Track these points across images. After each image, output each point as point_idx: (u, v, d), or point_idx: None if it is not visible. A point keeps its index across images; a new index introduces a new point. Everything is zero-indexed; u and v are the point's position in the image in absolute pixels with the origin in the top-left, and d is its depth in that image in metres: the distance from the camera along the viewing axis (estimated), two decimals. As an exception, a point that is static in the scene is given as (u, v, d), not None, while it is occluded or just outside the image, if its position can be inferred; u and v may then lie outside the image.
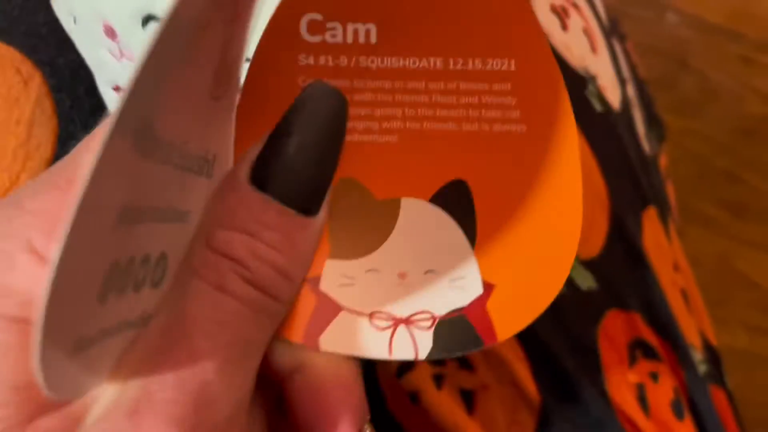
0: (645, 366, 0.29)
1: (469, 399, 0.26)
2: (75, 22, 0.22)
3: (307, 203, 0.15)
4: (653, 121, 0.39)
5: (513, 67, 0.18)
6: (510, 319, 0.18)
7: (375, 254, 0.18)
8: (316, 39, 0.18)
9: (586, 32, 0.30)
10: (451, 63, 0.18)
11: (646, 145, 0.35)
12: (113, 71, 0.22)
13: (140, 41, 0.20)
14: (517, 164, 0.18)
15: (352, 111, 0.18)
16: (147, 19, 0.20)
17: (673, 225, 0.35)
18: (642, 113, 0.37)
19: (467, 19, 0.18)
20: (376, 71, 0.18)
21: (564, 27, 0.28)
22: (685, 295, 0.33)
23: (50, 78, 0.24)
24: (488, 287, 0.18)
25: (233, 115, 0.17)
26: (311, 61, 0.18)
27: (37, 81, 0.23)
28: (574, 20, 0.30)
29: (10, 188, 0.23)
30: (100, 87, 0.24)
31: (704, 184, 0.50)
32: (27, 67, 0.24)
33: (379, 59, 0.18)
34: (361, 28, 0.18)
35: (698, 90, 0.51)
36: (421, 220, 0.18)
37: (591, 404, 0.27)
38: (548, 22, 0.27)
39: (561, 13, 0.29)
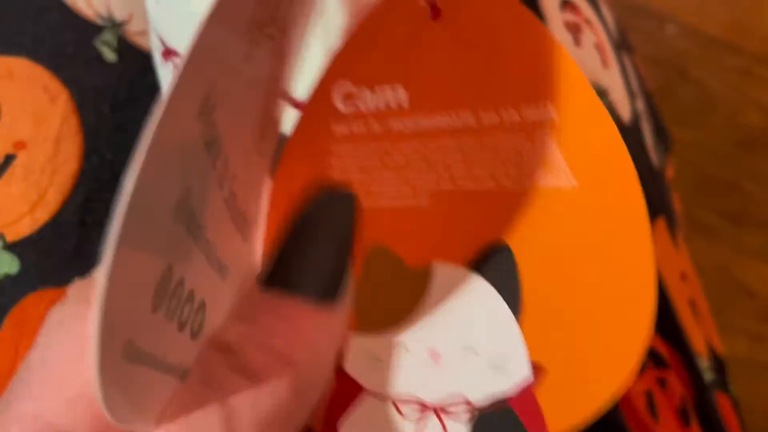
0: (653, 373, 0.29)
1: None
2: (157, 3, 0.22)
3: (328, 296, 0.14)
4: (660, 132, 0.40)
5: (553, 115, 0.16)
6: (565, 411, 0.15)
7: (404, 329, 0.16)
8: (349, 108, 0.17)
9: (598, 47, 0.31)
10: (484, 116, 0.16)
11: (654, 158, 0.35)
12: (154, 16, 0.22)
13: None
14: (569, 223, 0.15)
15: (384, 175, 0.17)
16: None
17: (681, 235, 0.35)
18: (650, 125, 0.38)
19: (496, 68, 0.16)
20: (408, 133, 0.17)
21: (577, 43, 0.29)
22: (692, 304, 0.33)
23: (76, 96, 0.24)
24: (538, 371, 0.15)
25: (267, 179, 0.17)
26: (345, 130, 0.17)
27: (63, 99, 0.24)
28: (587, 36, 0.30)
29: (38, 202, 0.23)
30: (152, 38, 0.24)
31: (704, 194, 0.51)
32: (54, 85, 0.24)
33: (410, 121, 0.17)
34: (390, 90, 0.17)
35: (698, 101, 0.52)
36: (456, 288, 0.16)
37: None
38: (562, 38, 0.28)
39: (574, 30, 0.29)
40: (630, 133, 0.32)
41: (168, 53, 0.22)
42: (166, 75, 0.23)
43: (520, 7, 0.16)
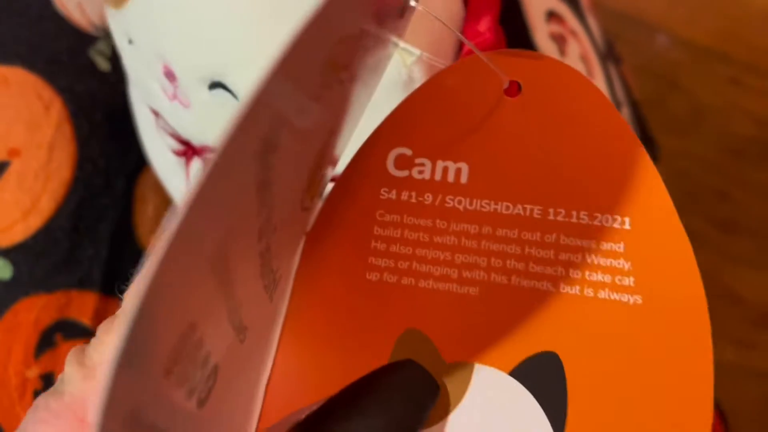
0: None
1: None
2: (129, 43, 0.22)
3: None
4: (647, 142, 0.41)
5: (627, 226, 0.15)
6: None
7: (436, 431, 0.14)
8: (403, 174, 0.16)
9: (583, 58, 0.32)
10: (552, 213, 0.15)
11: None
12: (158, 101, 0.22)
13: (203, 101, 0.20)
14: (627, 343, 0.14)
15: (430, 254, 0.16)
16: (214, 85, 0.19)
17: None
18: (636, 134, 0.38)
19: (574, 166, 0.16)
20: (463, 213, 0.16)
21: (562, 53, 0.30)
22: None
23: (70, 104, 0.25)
24: None
25: (305, 230, 0.16)
26: (393, 195, 0.16)
27: (57, 106, 0.24)
28: (572, 47, 0.31)
29: (31, 208, 0.24)
30: (134, 103, 0.24)
31: (693, 202, 0.52)
32: (48, 93, 0.24)
33: (468, 200, 0.16)
34: (452, 166, 0.16)
35: (688, 110, 0.52)
36: (496, 395, 0.14)
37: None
38: (547, 49, 0.28)
39: (559, 41, 0.30)
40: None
41: (198, 151, 0.21)
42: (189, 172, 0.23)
43: (608, 103, 0.16)
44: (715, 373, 0.40)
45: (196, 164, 0.22)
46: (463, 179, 0.16)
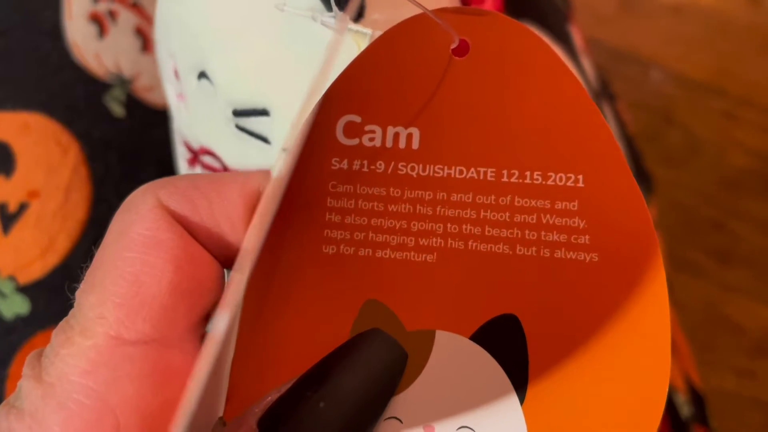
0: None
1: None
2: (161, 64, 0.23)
3: None
4: (642, 175, 0.42)
5: (581, 184, 0.15)
6: None
7: (398, 399, 0.14)
8: (353, 142, 0.16)
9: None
10: (506, 175, 0.15)
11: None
12: (176, 112, 0.23)
13: (192, 92, 0.21)
14: (585, 301, 0.15)
15: (386, 223, 0.16)
16: (200, 75, 0.20)
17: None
18: (631, 169, 0.40)
19: (526, 126, 0.15)
20: (417, 179, 0.16)
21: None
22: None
23: (86, 148, 0.26)
24: None
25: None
26: (345, 165, 0.16)
27: (74, 151, 0.26)
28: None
29: (49, 247, 0.25)
30: (173, 133, 0.25)
31: (691, 233, 0.53)
32: (66, 138, 0.26)
33: (421, 166, 0.16)
34: (403, 132, 0.16)
35: (683, 143, 0.54)
36: (458, 361, 0.15)
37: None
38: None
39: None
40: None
41: (197, 154, 0.22)
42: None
43: (556, 57, 0.16)
44: (717, 402, 0.41)
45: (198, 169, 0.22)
46: (415, 145, 0.16)
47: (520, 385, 0.14)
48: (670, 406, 0.32)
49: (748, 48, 0.56)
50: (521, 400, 0.14)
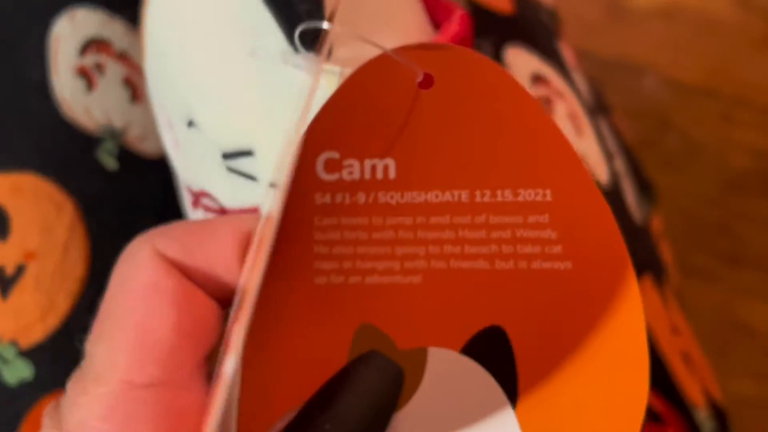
0: (649, 429, 0.30)
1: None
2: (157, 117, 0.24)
3: None
4: (643, 185, 0.41)
5: (549, 198, 0.16)
6: None
7: (398, 415, 0.15)
8: (333, 177, 0.17)
9: (571, 116, 0.33)
10: (478, 195, 0.16)
11: (636, 214, 0.37)
12: (174, 159, 0.24)
13: (185, 139, 0.22)
14: (564, 307, 0.15)
15: (371, 250, 0.16)
16: (189, 123, 0.21)
17: (669, 288, 0.36)
18: (631, 181, 0.39)
19: (493, 148, 0.16)
20: (396, 207, 0.16)
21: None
22: (686, 357, 0.34)
23: (81, 204, 0.26)
24: None
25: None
26: (327, 199, 0.17)
27: (69, 208, 0.26)
28: (559, 107, 0.32)
29: (49, 308, 0.25)
30: (179, 188, 0.26)
31: (697, 238, 0.52)
32: (59, 196, 0.26)
33: (399, 194, 0.16)
34: (379, 163, 0.17)
35: (681, 147, 0.53)
36: (451, 374, 0.15)
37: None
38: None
39: (545, 104, 0.31)
40: (609, 197, 0.34)
41: (198, 197, 0.23)
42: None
43: (515, 83, 0.17)
44: (737, 408, 0.40)
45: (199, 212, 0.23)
46: (392, 174, 0.17)
47: (512, 393, 0.15)
48: (691, 423, 0.31)
49: (739, 48, 0.55)
50: (514, 407, 0.15)
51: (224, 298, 0.16)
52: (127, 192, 0.27)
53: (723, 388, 0.39)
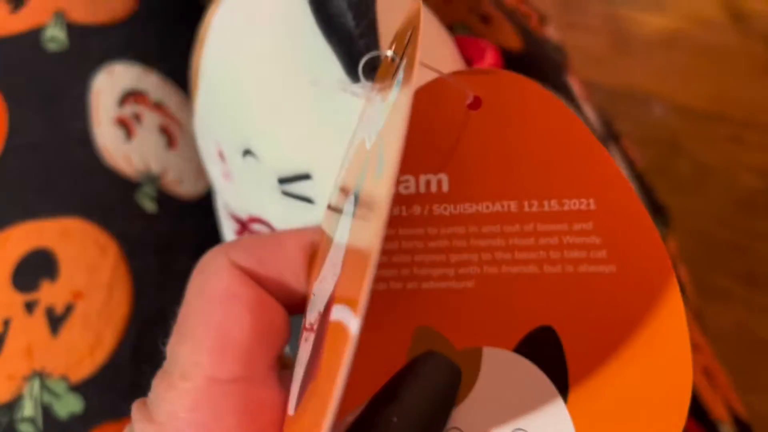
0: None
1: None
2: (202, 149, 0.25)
3: None
4: (657, 209, 0.42)
5: (593, 207, 0.17)
6: None
7: (457, 411, 0.16)
8: None
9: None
10: (526, 205, 0.17)
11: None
12: (221, 189, 0.25)
13: (239, 168, 0.23)
14: (610, 307, 0.16)
15: (427, 258, 0.17)
16: (245, 152, 0.22)
17: (688, 307, 0.37)
18: (645, 206, 0.40)
19: (538, 162, 0.17)
20: (450, 218, 0.17)
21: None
22: (707, 372, 0.35)
23: (124, 246, 0.27)
24: None
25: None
26: None
27: (113, 250, 0.27)
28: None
29: (96, 345, 0.26)
30: (218, 211, 0.27)
31: (713, 259, 0.53)
32: (104, 238, 0.27)
33: (452, 206, 0.18)
34: (433, 178, 0.18)
35: (692, 171, 0.54)
36: (505, 371, 0.16)
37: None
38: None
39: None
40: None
41: (246, 224, 0.24)
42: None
43: (556, 101, 0.18)
44: (762, 424, 0.40)
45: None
46: (445, 188, 0.18)
47: (563, 387, 0.16)
48: (717, 437, 0.32)
49: (743, 70, 0.57)
50: (565, 400, 0.16)
51: (292, 303, 0.17)
52: (166, 232, 0.28)
53: (749, 408, 0.39)
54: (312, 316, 0.16)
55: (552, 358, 0.16)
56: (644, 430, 0.16)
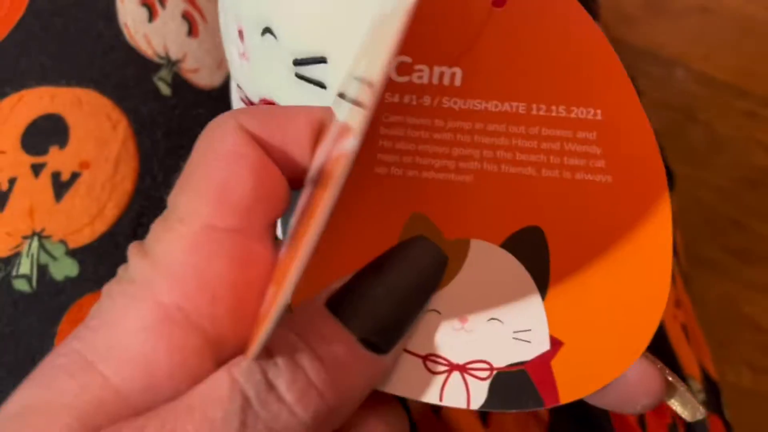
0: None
1: (484, 414, 0.29)
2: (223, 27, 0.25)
3: (380, 342, 0.16)
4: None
5: (599, 117, 0.17)
6: (576, 382, 0.16)
7: (438, 295, 0.17)
8: (404, 79, 0.18)
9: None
10: (534, 108, 0.18)
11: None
12: (237, 71, 0.25)
13: (255, 47, 0.23)
14: (600, 216, 0.17)
15: (430, 149, 0.18)
16: (264, 30, 0.22)
17: (677, 267, 0.38)
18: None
19: (553, 67, 0.18)
20: (458, 112, 0.18)
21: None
22: (685, 329, 0.35)
23: (134, 123, 0.28)
24: (555, 344, 0.17)
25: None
26: (396, 99, 0.18)
27: (123, 126, 0.28)
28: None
29: (97, 215, 0.27)
30: (232, 91, 0.27)
31: (711, 231, 0.53)
32: (116, 113, 0.28)
33: (462, 101, 0.18)
34: (447, 71, 0.18)
35: (705, 141, 0.54)
36: (489, 264, 0.17)
37: (596, 425, 0.30)
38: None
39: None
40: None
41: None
42: None
43: (583, 12, 0.18)
44: (733, 397, 0.41)
45: None
46: (457, 82, 0.18)
47: (543, 285, 0.17)
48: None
49: (773, 49, 0.56)
50: (543, 298, 0.17)
51: (295, 176, 0.17)
52: (177, 117, 0.29)
53: (721, 377, 0.40)
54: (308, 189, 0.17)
55: (536, 257, 0.17)
56: (614, 333, 0.16)
